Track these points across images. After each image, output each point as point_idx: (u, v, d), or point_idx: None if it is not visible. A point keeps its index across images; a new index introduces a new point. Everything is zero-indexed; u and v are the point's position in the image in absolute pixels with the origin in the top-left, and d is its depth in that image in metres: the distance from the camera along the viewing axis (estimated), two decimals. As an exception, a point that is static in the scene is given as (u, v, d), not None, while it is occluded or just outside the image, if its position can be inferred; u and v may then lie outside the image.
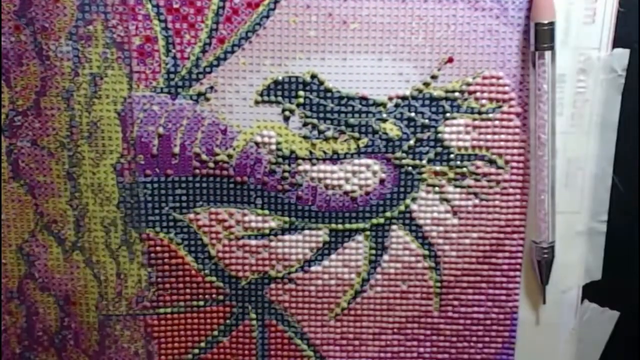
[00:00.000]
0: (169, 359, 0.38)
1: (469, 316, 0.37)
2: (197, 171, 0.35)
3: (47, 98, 0.34)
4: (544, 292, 0.36)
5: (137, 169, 0.35)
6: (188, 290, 0.37)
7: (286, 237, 0.36)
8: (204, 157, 0.35)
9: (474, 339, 0.38)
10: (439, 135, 0.35)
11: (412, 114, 0.35)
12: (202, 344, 0.38)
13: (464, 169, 0.36)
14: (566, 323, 0.38)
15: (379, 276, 0.37)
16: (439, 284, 0.37)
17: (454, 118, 0.35)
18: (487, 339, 0.38)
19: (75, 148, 0.35)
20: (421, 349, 0.38)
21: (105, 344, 0.37)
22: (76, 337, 0.37)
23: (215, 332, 0.37)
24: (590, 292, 0.38)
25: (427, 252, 0.37)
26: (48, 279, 0.36)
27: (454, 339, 0.38)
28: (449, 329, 0.38)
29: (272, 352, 0.38)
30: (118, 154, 0.35)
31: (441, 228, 0.36)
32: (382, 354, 0.38)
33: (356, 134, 0.35)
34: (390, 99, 0.34)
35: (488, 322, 0.38)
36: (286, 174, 0.35)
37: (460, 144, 0.35)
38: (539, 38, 0.32)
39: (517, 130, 0.35)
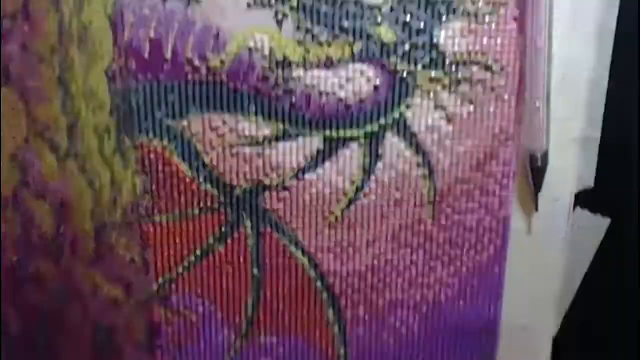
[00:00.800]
0: (165, 267, 0.40)
1: (462, 224, 0.39)
2: (190, 77, 0.37)
3: (36, 1, 0.35)
4: (537, 199, 0.38)
5: (129, 74, 0.36)
6: (183, 199, 0.39)
7: (280, 145, 0.38)
8: (196, 62, 0.36)
9: (467, 246, 0.40)
10: (435, 40, 0.36)
11: (408, 18, 0.36)
12: (198, 252, 0.40)
13: (460, 75, 0.37)
14: (558, 231, 0.39)
15: (373, 184, 0.39)
16: (432, 192, 0.39)
17: (450, 22, 0.36)
18: (479, 247, 0.40)
19: (66, 53, 0.36)
20: (414, 257, 0.40)
21: (102, 252, 0.39)
22: (72, 244, 0.39)
23: (211, 240, 0.39)
24: (583, 199, 0.39)
25: (421, 160, 0.38)
26: (42, 186, 0.38)
27: (447, 246, 0.40)
28: (442, 236, 0.40)
29: (267, 260, 0.40)
30: (110, 59, 0.36)
31: (436, 136, 0.38)
32: (375, 262, 0.40)
33: (350, 39, 0.36)
34: (386, 1, 0.35)
35: (481, 230, 0.39)
36: (280, 81, 0.37)
37: (456, 49, 0.36)
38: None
39: (513, 35, 0.36)
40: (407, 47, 0.36)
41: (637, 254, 0.40)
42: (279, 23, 0.35)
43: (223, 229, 0.39)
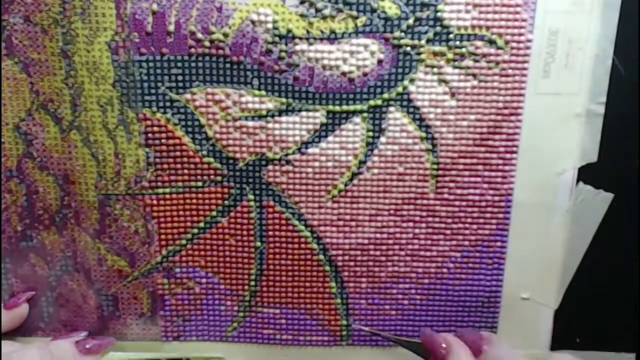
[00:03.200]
0: (168, 238, 0.42)
1: (464, 198, 0.41)
2: (193, 50, 0.38)
3: (38, -28, 0.36)
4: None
5: (131, 47, 0.38)
6: (186, 171, 0.40)
7: (283, 118, 0.39)
8: (199, 35, 0.38)
9: (469, 220, 0.42)
10: (439, 14, 0.38)
11: (412, -9, 0.37)
12: (201, 224, 0.42)
13: (463, 50, 0.38)
14: (560, 205, 0.41)
15: (375, 158, 0.40)
16: (435, 166, 0.40)
17: (454, -5, 0.37)
18: (481, 220, 0.41)
19: (68, 25, 0.37)
20: (416, 230, 0.42)
21: (106, 223, 0.41)
22: (76, 215, 0.41)
23: (214, 213, 0.41)
24: (586, 174, 0.40)
25: (424, 134, 0.40)
26: (46, 158, 0.40)
27: (449, 220, 0.42)
28: (444, 210, 0.41)
29: (270, 233, 0.42)
30: (112, 32, 0.38)
31: (439, 110, 0.39)
32: (378, 235, 0.42)
33: (354, 12, 0.38)
34: (390, -26, 0.36)
35: (483, 204, 0.41)
36: (283, 54, 0.38)
37: (460, 23, 0.38)
38: None
39: (517, 9, 0.37)
40: (410, 21, 0.37)
41: (639, 228, 0.41)
42: (283, -4, 0.37)
43: (226, 202, 0.41)
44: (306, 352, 0.43)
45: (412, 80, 0.38)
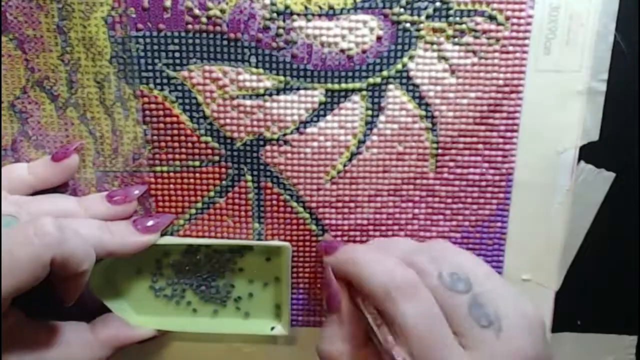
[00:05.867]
0: (166, 218, 0.41)
1: (464, 177, 0.41)
2: (190, 26, 0.38)
3: (34, -53, 0.36)
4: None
5: (128, 22, 0.37)
6: (184, 150, 0.40)
7: (281, 97, 0.39)
8: (196, 11, 0.37)
9: (469, 200, 0.41)
10: (439, -11, 0.37)
11: (411, -34, 0.36)
12: (199, 204, 0.41)
13: (463, 26, 0.38)
14: (561, 184, 0.40)
15: (374, 137, 0.40)
16: (435, 145, 0.40)
17: (453, -30, 0.36)
18: (482, 200, 0.41)
19: (64, 0, 0.37)
20: (416, 210, 0.41)
21: (103, 201, 0.41)
22: (74, 193, 0.40)
23: (212, 193, 0.41)
24: (587, 153, 0.40)
25: (423, 113, 0.39)
26: (42, 136, 0.39)
27: (449, 200, 0.41)
28: (444, 190, 0.41)
29: (268, 215, 0.41)
30: (109, 7, 0.37)
31: (439, 87, 0.39)
32: (377, 216, 0.41)
33: (353, -13, 0.37)
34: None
35: (483, 183, 0.41)
36: (281, 31, 0.38)
37: (460, -1, 0.37)
38: None
39: (518, -16, 0.37)
40: (410, -4, 0.37)
41: (640, 208, 0.41)
42: (280, -30, 0.36)
43: (224, 182, 0.40)
44: (305, 332, 0.42)
45: (411, 58, 0.37)
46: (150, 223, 0.39)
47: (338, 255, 0.36)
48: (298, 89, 0.38)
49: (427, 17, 0.37)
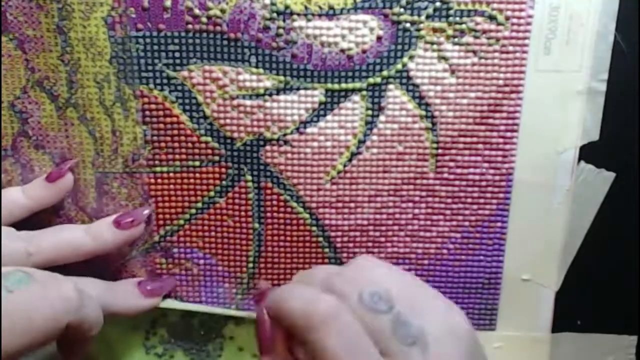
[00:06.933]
0: (166, 218, 0.41)
1: (464, 177, 0.40)
2: (190, 26, 0.37)
3: (32, -55, 0.35)
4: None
5: (128, 22, 0.37)
6: (184, 150, 0.40)
7: (281, 97, 0.39)
8: (196, 11, 0.37)
9: (469, 200, 0.41)
10: (439, -11, 0.37)
11: (411, -34, 0.36)
12: (199, 205, 0.41)
13: (463, 26, 0.38)
14: (561, 184, 0.40)
15: (375, 137, 0.40)
16: (435, 145, 0.40)
17: (454, -30, 0.36)
18: (482, 200, 0.41)
19: (64, 0, 0.37)
20: (416, 210, 0.41)
21: (103, 201, 0.40)
22: (74, 194, 0.40)
23: (212, 193, 0.41)
24: (587, 153, 0.40)
25: (423, 113, 0.39)
26: (42, 136, 0.39)
27: (449, 200, 0.41)
28: (444, 190, 0.41)
29: (269, 215, 0.41)
30: (109, 7, 0.37)
31: (439, 87, 0.39)
32: (377, 216, 0.41)
33: (353, -13, 0.37)
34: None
35: (483, 183, 0.41)
36: (281, 31, 0.38)
37: (460, -2, 0.37)
38: None
39: (518, -16, 0.37)
40: (410, -4, 0.36)
41: (640, 208, 0.40)
42: (280, -30, 0.36)
43: (224, 182, 0.40)
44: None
45: (411, 58, 0.37)
46: (153, 286, 0.40)
47: (267, 301, 0.35)
48: (298, 89, 0.38)
49: (427, 17, 0.37)
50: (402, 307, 0.31)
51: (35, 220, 0.39)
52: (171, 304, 0.42)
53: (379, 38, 0.37)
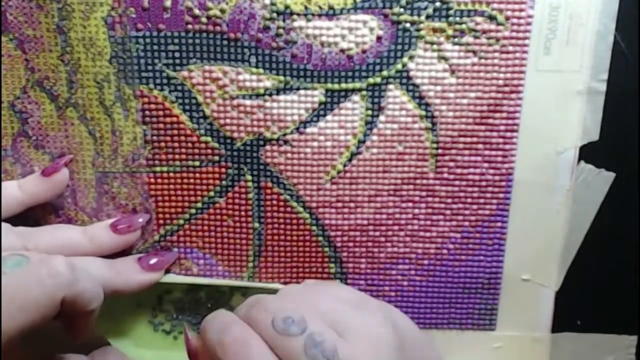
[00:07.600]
0: (166, 217, 0.41)
1: (464, 177, 0.40)
2: (190, 26, 0.37)
3: (34, -53, 0.35)
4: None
5: (128, 22, 0.37)
6: (184, 150, 0.40)
7: (281, 97, 0.39)
8: (196, 11, 0.37)
9: (469, 200, 0.41)
10: (438, -11, 0.37)
11: (411, -34, 0.36)
12: (199, 204, 0.41)
13: (463, 26, 0.38)
14: (561, 184, 0.40)
15: (374, 137, 0.40)
16: (435, 145, 0.40)
17: (453, -30, 0.36)
18: (482, 200, 0.41)
19: (64, 0, 0.37)
20: (416, 210, 0.41)
21: (103, 201, 0.40)
22: (74, 194, 0.40)
23: (212, 193, 0.41)
24: (587, 153, 0.40)
25: (423, 113, 0.39)
26: (42, 136, 0.39)
27: (449, 200, 0.41)
28: (444, 190, 0.41)
29: (269, 215, 0.41)
30: (108, 7, 0.37)
31: (438, 87, 0.39)
32: (377, 216, 0.41)
33: (353, -13, 0.37)
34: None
35: (483, 183, 0.40)
36: (281, 31, 0.38)
37: (460, -2, 0.37)
38: None
39: (518, -16, 0.37)
40: (410, -4, 0.36)
41: (640, 208, 0.40)
42: (280, -30, 0.36)
43: (224, 182, 0.40)
44: None
45: (411, 58, 0.37)
46: (154, 261, 0.39)
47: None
48: (298, 89, 0.38)
49: (427, 17, 0.37)
50: (315, 329, 0.32)
51: (35, 220, 0.39)
52: (174, 278, 0.42)
53: (379, 38, 0.37)
